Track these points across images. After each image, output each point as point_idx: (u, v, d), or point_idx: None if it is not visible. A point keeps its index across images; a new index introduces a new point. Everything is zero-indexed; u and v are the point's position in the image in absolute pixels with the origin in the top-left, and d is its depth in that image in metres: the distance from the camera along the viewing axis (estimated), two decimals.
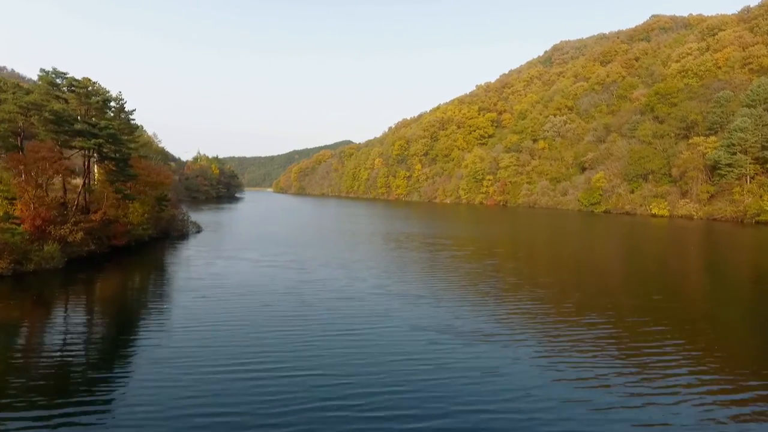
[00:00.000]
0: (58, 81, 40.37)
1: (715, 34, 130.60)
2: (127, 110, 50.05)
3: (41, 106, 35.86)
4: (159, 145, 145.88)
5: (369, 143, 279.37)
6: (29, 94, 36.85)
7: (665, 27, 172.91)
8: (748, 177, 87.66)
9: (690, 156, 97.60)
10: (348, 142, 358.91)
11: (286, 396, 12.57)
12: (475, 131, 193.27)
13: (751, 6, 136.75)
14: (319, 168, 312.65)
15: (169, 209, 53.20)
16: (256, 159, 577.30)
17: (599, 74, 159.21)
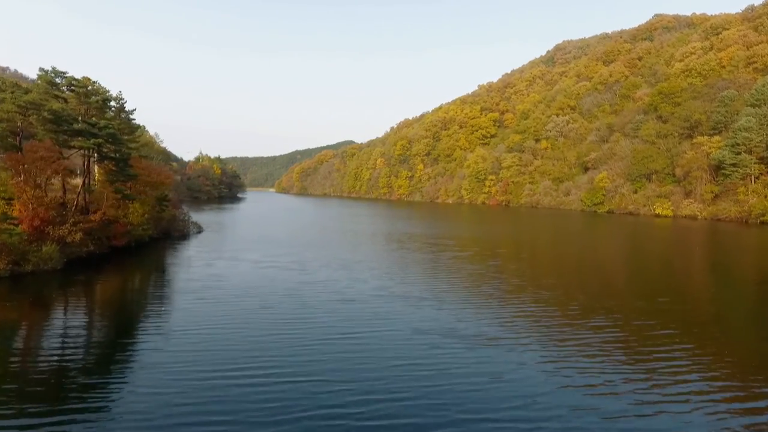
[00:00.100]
0: (58, 80, 40.06)
1: (719, 33, 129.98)
2: (127, 110, 49.86)
3: (40, 106, 35.55)
4: (161, 145, 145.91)
5: (371, 143, 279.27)
6: (28, 94, 36.53)
7: (668, 26, 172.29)
8: (753, 177, 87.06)
9: (694, 156, 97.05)
10: (350, 142, 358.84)
11: (284, 403, 12.14)
12: (478, 131, 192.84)
13: (755, 5, 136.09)
14: (321, 168, 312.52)
15: (170, 209, 52.86)
16: (259, 159, 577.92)
17: (602, 74, 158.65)
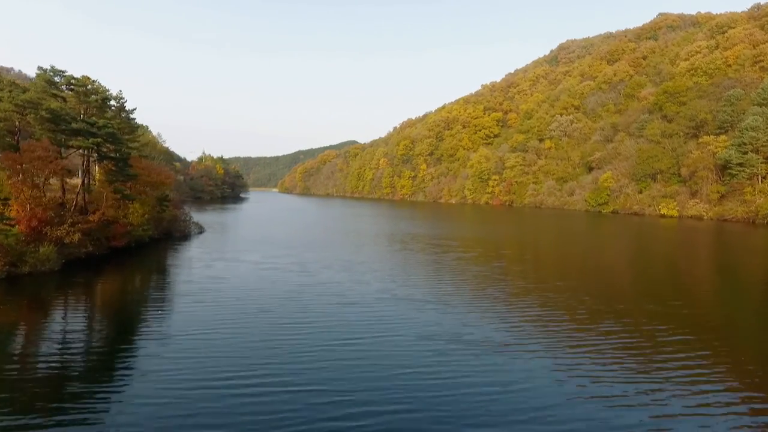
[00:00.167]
0: (56, 79, 39.61)
1: (725, 32, 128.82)
2: (128, 109, 49.38)
3: (38, 105, 35.07)
4: (163, 145, 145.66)
5: (374, 143, 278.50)
6: (26, 93, 36.05)
7: (673, 25, 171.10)
8: (760, 177, 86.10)
9: (700, 155, 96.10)
10: (353, 142, 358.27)
11: (281, 414, 11.52)
12: (481, 131, 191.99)
13: (762, 3, 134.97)
14: (324, 168, 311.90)
15: (171, 210, 52.34)
16: (261, 159, 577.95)
17: (606, 73, 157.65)
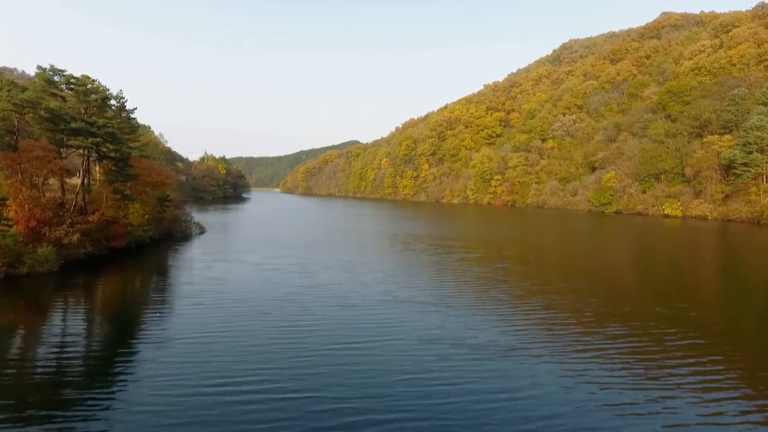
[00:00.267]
0: (56, 78, 39.29)
1: (729, 31, 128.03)
2: (128, 109, 49.08)
3: (36, 104, 34.76)
4: (165, 146, 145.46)
5: (376, 143, 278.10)
6: (25, 92, 35.74)
7: (676, 24, 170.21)
8: (765, 176, 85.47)
9: (704, 155, 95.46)
10: (355, 142, 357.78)
11: (278, 423, 11.11)
12: (483, 131, 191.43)
13: (767, 2, 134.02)
14: (326, 168, 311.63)
15: (172, 210, 52.01)
16: (264, 159, 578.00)
17: (609, 72, 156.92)
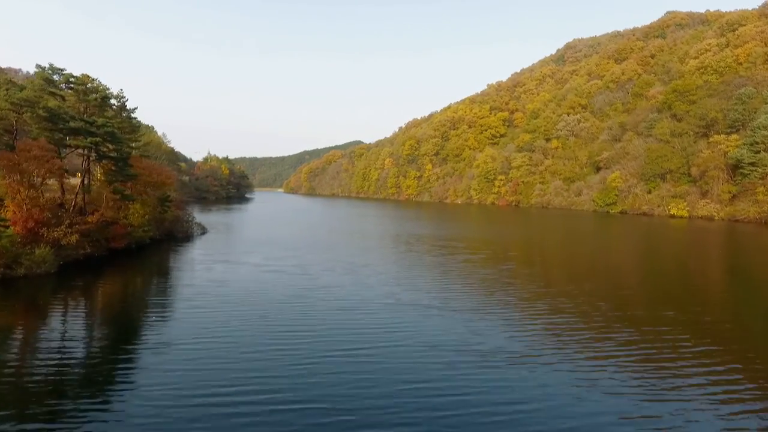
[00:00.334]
0: (55, 77, 38.84)
1: (735, 30, 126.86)
2: (129, 108, 48.64)
3: (35, 103, 34.29)
4: (169, 146, 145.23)
5: (379, 143, 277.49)
6: (23, 91, 35.28)
7: (681, 23, 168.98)
8: None
9: (710, 155, 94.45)
10: (358, 143, 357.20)
11: None
12: (487, 131, 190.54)
13: None
14: (330, 168, 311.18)
15: (173, 210, 51.55)
16: (267, 159, 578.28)
17: (614, 72, 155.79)
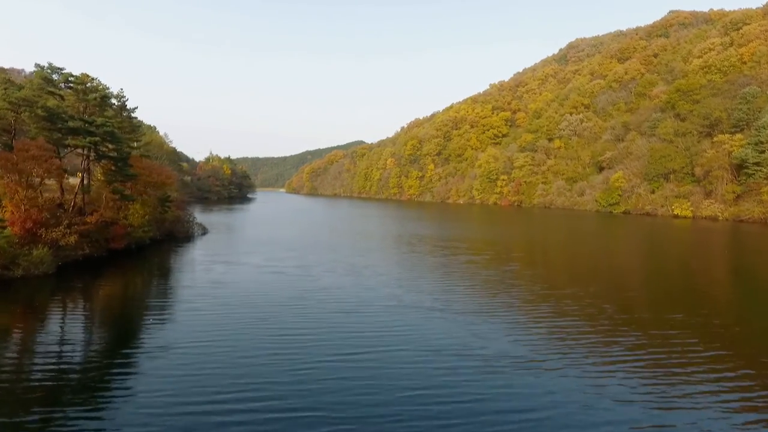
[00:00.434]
0: (54, 77, 38.48)
1: (739, 29, 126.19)
2: (129, 108, 48.31)
3: (33, 103, 33.96)
4: (170, 146, 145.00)
5: (381, 143, 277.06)
6: (21, 90, 34.94)
7: (685, 22, 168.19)
8: None
9: (714, 154, 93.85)
10: (360, 142, 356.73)
11: None
12: (489, 130, 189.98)
13: None
14: (331, 168, 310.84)
15: (174, 210, 51.23)
16: (269, 159, 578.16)
17: (617, 71, 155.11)
